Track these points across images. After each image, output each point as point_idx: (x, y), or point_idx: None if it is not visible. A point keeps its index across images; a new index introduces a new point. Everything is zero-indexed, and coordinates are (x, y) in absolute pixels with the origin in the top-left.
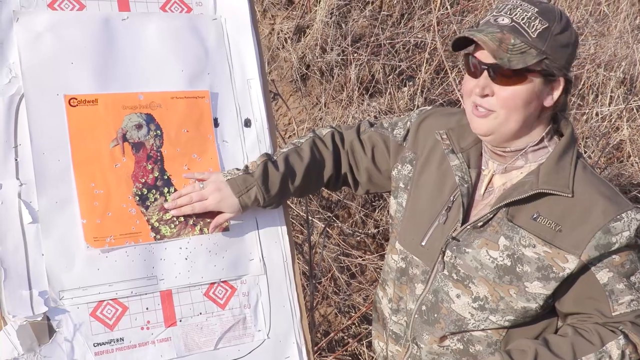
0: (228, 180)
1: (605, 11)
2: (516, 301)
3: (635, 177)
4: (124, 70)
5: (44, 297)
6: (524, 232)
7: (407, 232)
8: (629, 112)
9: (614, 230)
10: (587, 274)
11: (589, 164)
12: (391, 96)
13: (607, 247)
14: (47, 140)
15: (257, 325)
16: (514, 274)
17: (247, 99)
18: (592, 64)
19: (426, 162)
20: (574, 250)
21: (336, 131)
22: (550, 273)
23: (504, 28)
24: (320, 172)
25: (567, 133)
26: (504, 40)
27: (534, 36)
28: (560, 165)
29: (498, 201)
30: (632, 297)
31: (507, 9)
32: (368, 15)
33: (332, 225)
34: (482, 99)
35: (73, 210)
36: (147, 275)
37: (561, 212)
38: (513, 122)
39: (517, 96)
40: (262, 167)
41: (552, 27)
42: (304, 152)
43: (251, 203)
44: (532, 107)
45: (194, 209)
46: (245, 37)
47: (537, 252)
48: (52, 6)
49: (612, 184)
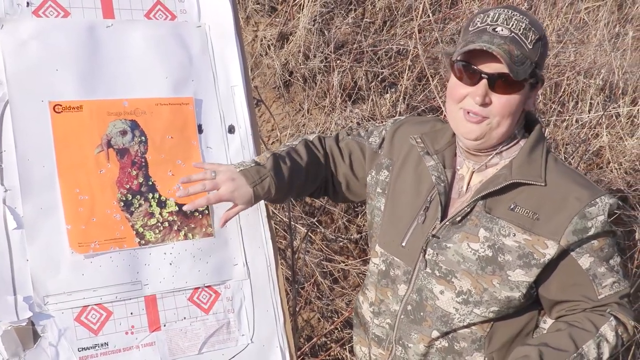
0: (241, 171)
1: (584, 19)
2: (500, 291)
3: (614, 183)
4: (109, 77)
5: (28, 303)
6: (503, 222)
7: (387, 234)
8: (608, 119)
9: (589, 215)
10: (569, 260)
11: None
12: (373, 103)
13: (584, 231)
14: (32, 146)
15: (240, 329)
16: (496, 263)
17: (231, 106)
18: (572, 72)
19: (402, 167)
20: (552, 236)
21: (321, 137)
22: (532, 260)
23: (506, 39)
24: (318, 171)
25: (536, 129)
26: (511, 52)
27: (530, 47)
28: (532, 158)
29: (474, 195)
30: (613, 279)
31: (503, 19)
32: (351, 23)
33: (315, 231)
34: (481, 107)
35: (58, 216)
36: (132, 281)
37: (537, 202)
38: (503, 127)
39: (512, 104)
40: (273, 160)
41: (542, 37)
42: (300, 151)
43: (264, 194)
44: (519, 112)
45: (209, 201)
46: (229, 44)
47: (517, 241)
48: (37, 13)
49: (582, 173)
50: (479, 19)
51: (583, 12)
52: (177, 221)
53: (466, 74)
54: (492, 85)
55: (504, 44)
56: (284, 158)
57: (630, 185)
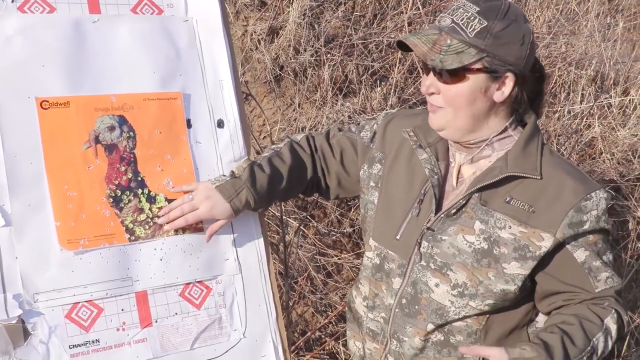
0: (217, 187)
1: (575, 10)
2: (495, 284)
3: (607, 174)
4: (96, 73)
5: (18, 300)
6: (498, 215)
7: (380, 227)
8: (600, 110)
9: (585, 209)
10: (564, 253)
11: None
12: (365, 96)
13: (580, 225)
14: (19, 143)
15: (232, 324)
16: (491, 256)
17: (219, 100)
18: (563, 63)
19: (395, 160)
20: (548, 229)
21: (310, 136)
22: (527, 252)
23: (444, 29)
24: (303, 174)
25: (531, 121)
26: (437, 42)
27: (471, 36)
28: (527, 151)
29: (469, 188)
30: (607, 274)
31: (451, 9)
32: (341, 16)
33: (308, 225)
34: (430, 97)
35: (46, 212)
36: (122, 277)
37: (533, 194)
38: (461, 118)
39: (459, 94)
40: (249, 170)
41: (492, 25)
42: (284, 155)
43: (242, 206)
44: (478, 103)
45: (188, 221)
46: (216, 39)
47: (513, 233)
48: (22, 9)
49: (577, 166)
50: None
51: (573, 3)
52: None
53: (423, 65)
54: (439, 75)
55: (434, 34)
56: (261, 166)
57: (623, 176)
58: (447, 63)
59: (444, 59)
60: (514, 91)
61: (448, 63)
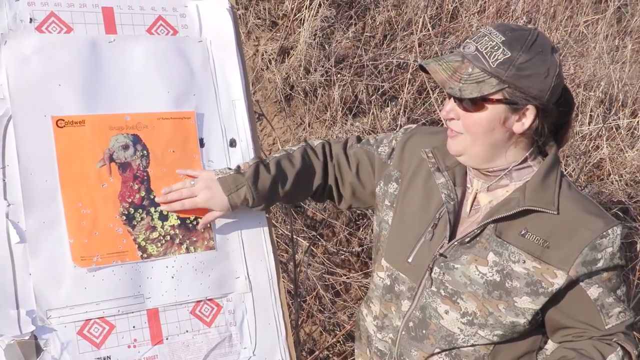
0: (219, 179)
1: (584, 32)
2: (505, 316)
3: (615, 195)
4: (111, 92)
5: (31, 317)
6: (513, 248)
7: (393, 249)
8: (608, 131)
9: (600, 247)
10: (577, 290)
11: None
12: (374, 116)
13: (594, 263)
14: (35, 161)
15: (242, 342)
16: (503, 289)
17: (232, 120)
18: (572, 84)
19: (412, 180)
20: (562, 266)
21: (327, 143)
22: (540, 288)
23: (467, 56)
24: (310, 180)
25: (552, 153)
26: (458, 70)
27: (493, 66)
28: (546, 184)
29: (485, 218)
30: (620, 309)
31: (477, 36)
32: (351, 37)
33: (317, 244)
34: (450, 122)
35: (60, 230)
36: (134, 294)
37: (548, 229)
38: (478, 146)
39: (477, 123)
40: (254, 168)
41: (516, 56)
42: (295, 158)
43: (240, 202)
44: (496, 133)
45: (184, 206)
46: (230, 59)
47: (527, 268)
48: (40, 29)
49: (595, 201)
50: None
51: (582, 25)
52: (178, 234)
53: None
54: (459, 102)
55: (457, 62)
56: (268, 166)
57: (631, 197)
58: (467, 92)
59: (463, 87)
60: (535, 123)
61: (467, 92)
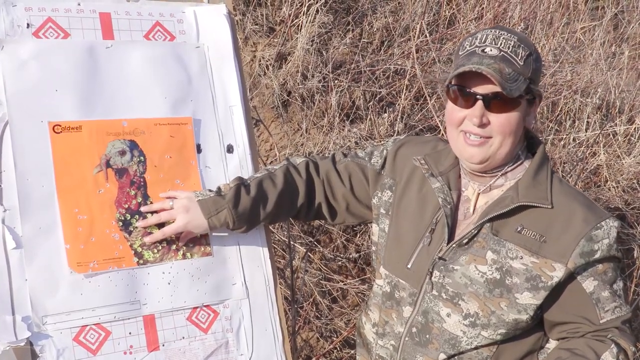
0: (199, 201)
1: (581, 39)
2: (507, 313)
3: (612, 202)
4: (108, 97)
5: (27, 322)
6: (510, 245)
7: (391, 256)
8: (605, 138)
9: (596, 238)
10: (573, 283)
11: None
12: (371, 122)
13: (591, 254)
14: (31, 166)
15: (239, 349)
16: (503, 286)
17: (229, 125)
18: (568, 91)
19: (406, 188)
20: (560, 259)
21: (310, 161)
22: (539, 282)
23: (496, 58)
24: (293, 200)
25: (540, 150)
26: (502, 70)
27: (521, 63)
28: (537, 180)
29: (481, 217)
30: (615, 303)
31: (491, 39)
32: (348, 43)
33: (314, 250)
34: (482, 129)
35: (57, 235)
36: (130, 300)
37: (544, 224)
38: (506, 146)
39: (511, 122)
40: (235, 190)
41: (533, 53)
42: (277, 178)
43: (220, 225)
44: (519, 130)
45: (165, 234)
46: (227, 65)
47: (525, 263)
48: (37, 34)
49: (586, 194)
50: (467, 42)
51: (579, 32)
52: (175, 241)
53: (461, 97)
54: (488, 105)
55: (494, 63)
56: (248, 188)
57: (628, 204)
58: (514, 91)
59: (511, 87)
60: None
61: (514, 91)
